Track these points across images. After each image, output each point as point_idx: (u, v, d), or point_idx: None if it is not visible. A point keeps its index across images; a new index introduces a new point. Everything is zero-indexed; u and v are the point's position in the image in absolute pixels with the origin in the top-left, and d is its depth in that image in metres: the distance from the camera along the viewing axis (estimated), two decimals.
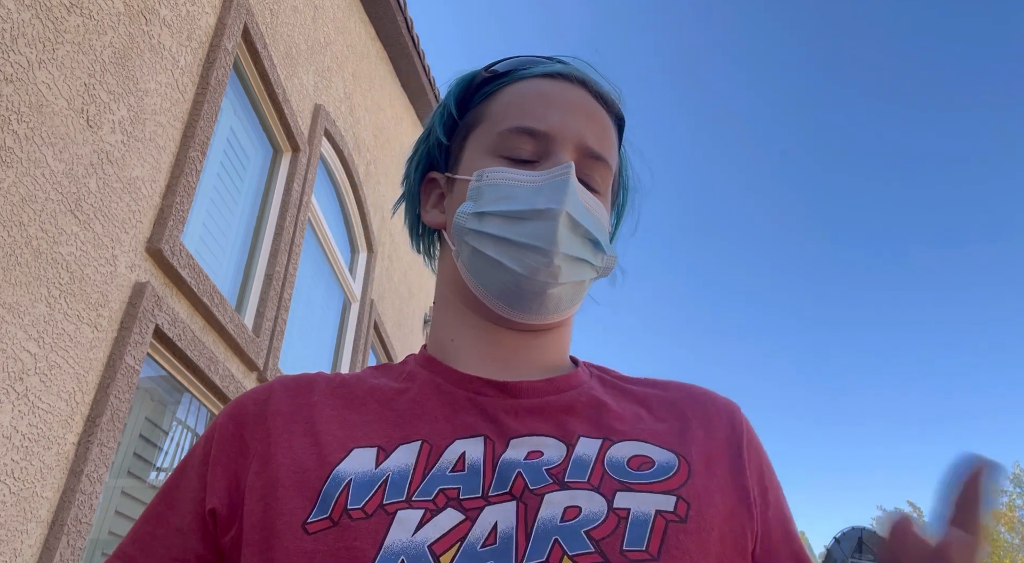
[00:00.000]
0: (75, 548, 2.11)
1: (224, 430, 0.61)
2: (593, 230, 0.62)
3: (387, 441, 0.57)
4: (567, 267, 0.60)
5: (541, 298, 0.61)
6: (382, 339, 5.72)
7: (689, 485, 0.56)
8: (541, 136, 0.63)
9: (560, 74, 0.68)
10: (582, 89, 0.68)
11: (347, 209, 5.02)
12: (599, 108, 0.68)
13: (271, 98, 3.59)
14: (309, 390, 0.63)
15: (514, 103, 0.66)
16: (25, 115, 1.96)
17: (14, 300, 1.92)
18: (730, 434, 0.62)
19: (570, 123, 0.64)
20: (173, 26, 2.69)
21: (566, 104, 0.65)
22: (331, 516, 0.51)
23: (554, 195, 0.60)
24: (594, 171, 0.65)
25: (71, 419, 2.15)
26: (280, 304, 3.64)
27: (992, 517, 6.16)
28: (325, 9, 4.33)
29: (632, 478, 0.55)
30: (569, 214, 0.60)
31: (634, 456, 0.57)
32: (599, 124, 0.67)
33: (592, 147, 0.65)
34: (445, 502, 0.52)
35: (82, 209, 2.19)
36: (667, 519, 0.52)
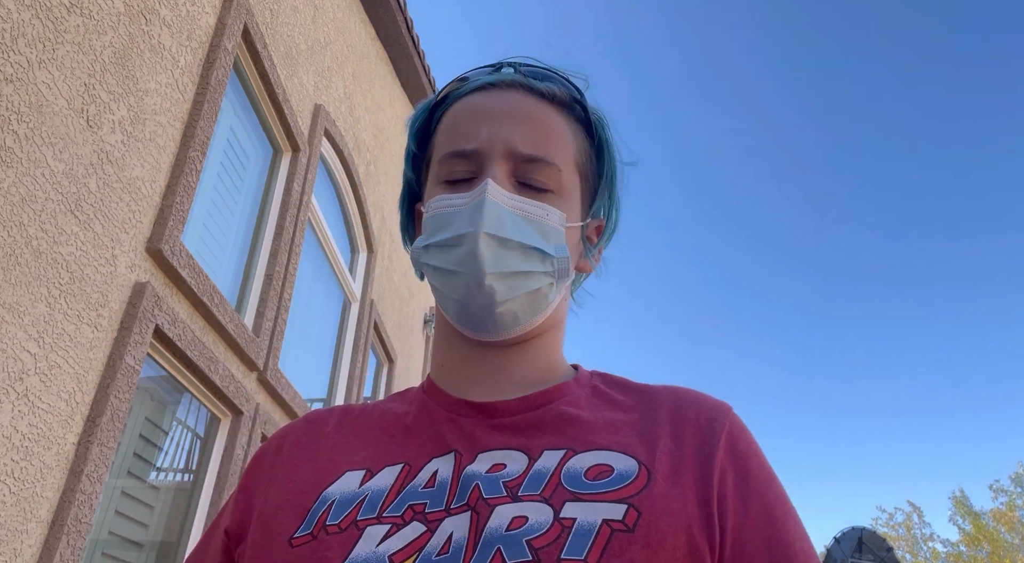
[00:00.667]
0: (75, 548, 2.11)
1: (254, 461, 0.70)
2: (528, 240, 0.62)
3: (376, 463, 0.62)
4: (502, 285, 0.61)
5: (491, 317, 0.63)
6: (382, 339, 5.72)
7: (645, 493, 0.55)
8: (472, 154, 0.64)
9: (492, 84, 0.69)
10: (518, 92, 0.68)
11: (347, 209, 5.02)
12: (537, 106, 0.67)
13: (271, 98, 3.59)
14: (325, 421, 0.70)
15: (449, 127, 0.68)
16: (25, 115, 1.96)
17: (14, 300, 1.93)
18: (704, 441, 0.60)
19: (498, 134, 0.64)
20: (173, 26, 2.69)
21: (495, 115, 0.66)
22: (312, 532, 0.57)
23: (471, 219, 0.61)
24: (535, 173, 0.65)
25: (71, 419, 2.15)
26: (280, 304, 3.64)
27: (992, 517, 6.19)
28: (325, 9, 4.33)
29: (586, 488, 0.55)
30: (489, 234, 0.60)
31: (594, 465, 0.57)
32: (533, 124, 0.66)
33: (524, 152, 0.64)
34: (412, 516, 0.56)
35: (82, 209, 2.19)
36: (613, 528, 0.52)
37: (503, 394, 0.65)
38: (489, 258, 0.61)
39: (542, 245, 0.63)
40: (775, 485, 0.61)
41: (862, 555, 11.29)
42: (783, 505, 0.59)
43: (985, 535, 17.94)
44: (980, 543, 18.00)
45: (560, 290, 0.66)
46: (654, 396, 0.66)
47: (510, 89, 0.68)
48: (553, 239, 0.64)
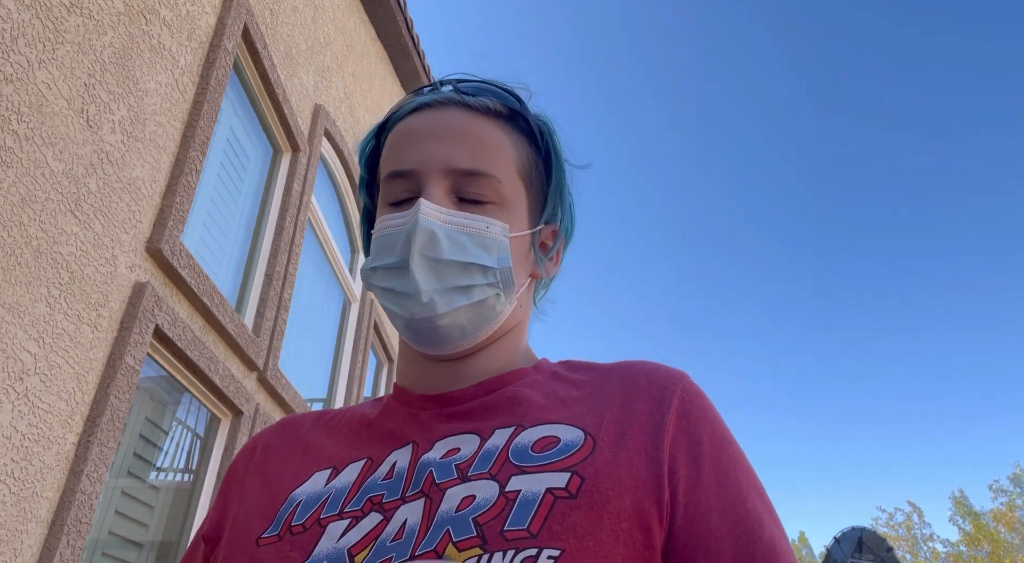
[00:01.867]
0: (75, 548, 2.11)
1: (232, 467, 0.72)
2: (464, 256, 0.63)
3: (341, 461, 0.64)
4: (442, 299, 0.63)
5: (435, 332, 0.64)
6: (382, 339, 5.72)
7: (590, 461, 0.55)
8: (409, 174, 0.66)
9: (427, 104, 0.70)
10: (451, 109, 0.69)
11: (347, 209, 5.02)
12: (473, 120, 0.68)
13: (271, 98, 3.59)
14: (300, 425, 0.72)
15: (389, 149, 0.70)
16: (25, 115, 1.96)
17: (14, 300, 1.93)
18: (655, 408, 0.60)
19: (433, 152, 0.65)
20: (173, 26, 2.69)
21: (429, 133, 0.67)
22: (279, 532, 0.59)
23: (406, 242, 0.62)
24: (475, 186, 0.65)
25: (71, 419, 2.15)
26: (280, 304, 3.64)
27: (992, 517, 6.20)
28: (325, 9, 4.33)
29: (531, 461, 0.56)
30: (422, 255, 0.62)
31: (540, 438, 0.59)
32: (469, 138, 0.67)
33: (461, 166, 0.65)
34: (370, 508, 0.58)
35: (82, 209, 2.19)
36: (556, 495, 0.53)
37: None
38: (425, 277, 0.62)
39: (482, 259, 0.64)
40: (729, 448, 0.61)
41: (862, 555, 11.29)
42: (738, 467, 0.59)
43: (985, 535, 17.94)
44: (980, 543, 18.01)
45: (509, 300, 0.67)
46: (609, 371, 0.67)
47: (445, 107, 0.69)
48: (495, 251, 0.65)
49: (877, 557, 11.26)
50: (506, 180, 0.67)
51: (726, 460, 0.59)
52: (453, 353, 0.67)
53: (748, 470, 0.60)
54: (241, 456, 0.72)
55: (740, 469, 0.59)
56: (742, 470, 0.60)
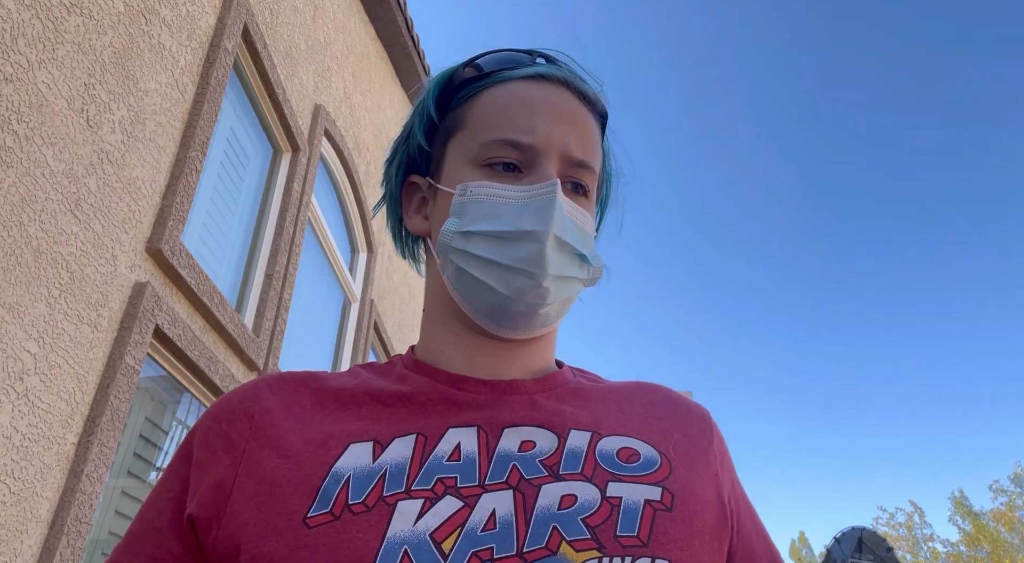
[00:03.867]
0: (75, 548, 2.11)
1: (208, 431, 0.60)
2: (580, 246, 0.62)
3: (383, 435, 0.57)
4: (555, 287, 0.61)
5: (530, 317, 0.62)
6: (382, 339, 5.72)
7: (672, 478, 0.58)
8: (527, 148, 0.63)
9: (542, 75, 0.67)
10: (565, 90, 0.67)
11: (347, 209, 5.02)
12: (582, 110, 0.67)
13: (271, 98, 3.59)
14: (298, 388, 0.63)
15: (496, 111, 0.65)
16: (25, 115, 1.96)
17: (14, 300, 1.93)
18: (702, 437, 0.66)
19: (554, 132, 0.63)
20: (173, 26, 2.69)
21: (550, 111, 0.64)
22: (332, 511, 0.51)
23: (540, 217, 0.59)
24: (580, 177, 0.65)
25: (71, 419, 2.15)
26: (280, 304, 3.64)
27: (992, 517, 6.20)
28: (325, 9, 4.33)
29: (622, 470, 0.57)
30: (556, 236, 0.59)
31: (622, 448, 0.60)
32: (583, 128, 0.66)
33: (577, 156, 0.64)
34: (444, 490, 0.53)
35: (82, 209, 2.19)
36: (655, 508, 0.55)
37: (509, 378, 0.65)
38: (553, 260, 0.60)
39: (586, 252, 0.63)
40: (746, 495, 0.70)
41: (862, 555, 11.29)
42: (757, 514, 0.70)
43: (985, 535, 17.94)
44: (980, 543, 18.00)
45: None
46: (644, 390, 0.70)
47: (561, 86, 0.67)
48: (590, 246, 0.65)
49: (877, 557, 11.26)
50: (597, 177, 0.68)
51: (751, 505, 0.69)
52: (522, 338, 0.65)
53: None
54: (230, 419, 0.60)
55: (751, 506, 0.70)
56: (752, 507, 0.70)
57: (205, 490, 0.57)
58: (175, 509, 0.58)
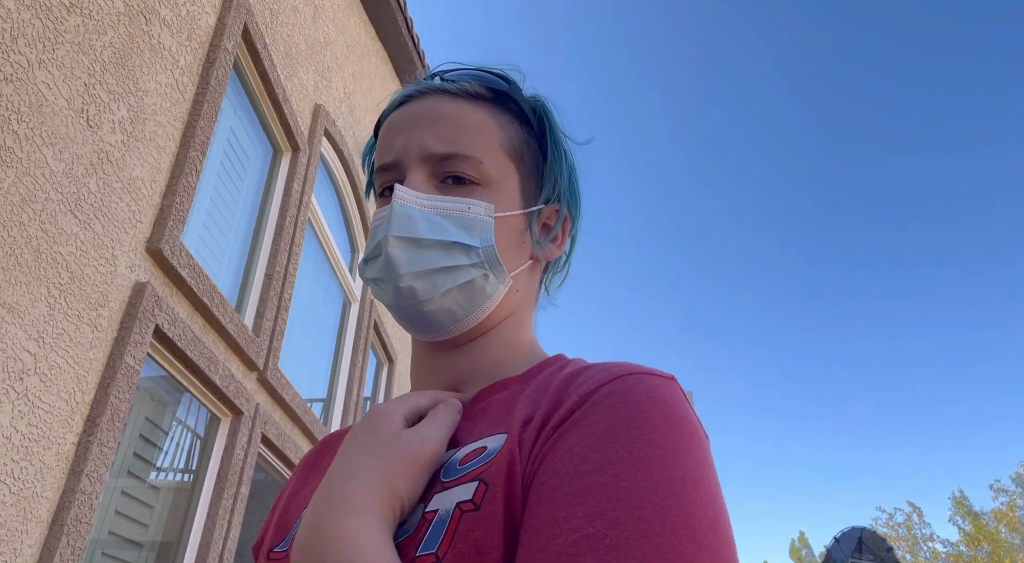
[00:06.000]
0: (75, 548, 2.11)
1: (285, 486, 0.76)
2: (445, 235, 0.62)
3: None
4: (421, 284, 0.62)
5: (423, 317, 0.64)
6: (382, 339, 5.72)
7: (493, 467, 0.50)
8: (392, 166, 0.66)
9: (408, 96, 0.70)
10: (433, 97, 0.69)
11: (347, 209, 5.02)
12: (451, 105, 0.68)
13: (271, 98, 3.59)
14: (336, 442, 0.74)
15: (377, 146, 0.71)
16: (25, 115, 1.96)
17: (14, 300, 1.93)
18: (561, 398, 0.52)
19: (410, 140, 0.66)
20: (173, 26, 2.69)
21: (407, 123, 0.67)
22: (288, 550, 0.61)
23: (384, 227, 0.62)
24: (454, 167, 0.65)
25: (71, 419, 2.15)
26: (280, 304, 3.64)
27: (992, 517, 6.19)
28: (325, 9, 4.33)
29: (454, 474, 0.53)
30: (396, 236, 0.61)
31: (471, 451, 0.54)
32: (446, 122, 0.66)
33: (437, 150, 0.65)
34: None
35: (82, 209, 2.19)
36: (463, 510, 0.49)
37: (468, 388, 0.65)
38: (402, 260, 0.62)
39: (463, 238, 0.63)
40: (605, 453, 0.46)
41: (862, 555, 11.29)
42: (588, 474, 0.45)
43: (985, 535, 17.94)
44: (980, 543, 18.00)
45: (501, 281, 0.65)
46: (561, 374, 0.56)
47: (427, 96, 0.69)
48: (478, 231, 0.63)
49: (877, 557, 11.26)
50: (489, 160, 0.66)
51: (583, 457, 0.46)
52: (452, 338, 0.65)
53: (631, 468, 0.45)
54: (291, 477, 0.76)
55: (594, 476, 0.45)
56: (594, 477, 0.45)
57: (264, 529, 0.72)
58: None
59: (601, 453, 0.45)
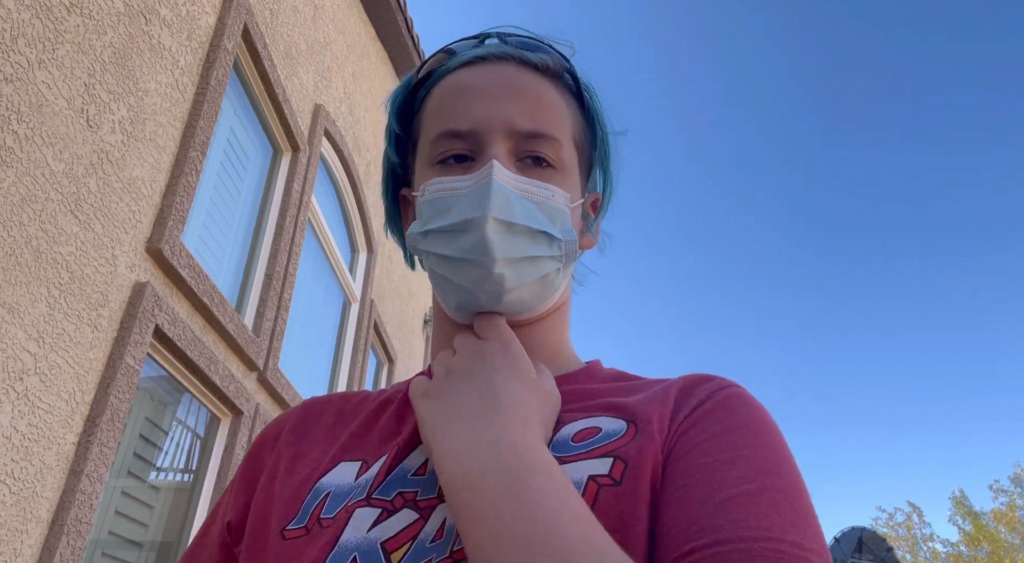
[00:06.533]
0: (75, 548, 2.11)
1: (252, 450, 0.68)
2: (535, 223, 0.59)
3: (371, 454, 0.60)
4: (511, 271, 0.58)
5: (498, 306, 0.60)
6: (382, 339, 5.72)
7: (631, 445, 0.52)
8: (467, 134, 0.61)
9: (480, 58, 0.65)
10: (508, 65, 0.64)
11: (347, 209, 5.02)
12: (531, 79, 0.64)
13: (271, 98, 3.59)
14: (326, 410, 0.68)
15: (438, 106, 0.64)
16: (25, 115, 1.96)
17: (14, 300, 1.93)
18: (682, 401, 0.56)
19: (494, 111, 0.61)
20: (173, 26, 2.69)
21: (488, 91, 0.62)
22: (307, 525, 0.55)
23: (478, 202, 0.57)
24: (538, 148, 0.61)
25: (71, 419, 2.15)
26: (280, 304, 3.64)
27: (992, 517, 6.17)
28: (325, 9, 4.34)
29: (570, 450, 0.53)
30: (496, 218, 0.57)
31: (581, 430, 0.55)
32: (530, 97, 0.63)
33: (524, 127, 0.61)
34: (402, 503, 0.53)
35: (82, 209, 2.19)
36: (599, 483, 0.50)
37: None
38: (498, 244, 0.57)
39: (549, 228, 0.60)
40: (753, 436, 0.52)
41: (862, 555, 11.29)
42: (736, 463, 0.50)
43: (985, 535, 17.94)
44: (980, 543, 18.01)
45: (566, 274, 0.64)
46: (666, 379, 0.62)
47: (500, 62, 0.64)
48: (559, 221, 0.61)
49: (877, 557, 11.26)
50: (565, 144, 0.63)
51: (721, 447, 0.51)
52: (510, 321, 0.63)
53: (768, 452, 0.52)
54: (264, 440, 0.67)
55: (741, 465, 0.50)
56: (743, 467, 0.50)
57: (242, 504, 0.63)
58: (221, 523, 0.64)
59: (738, 436, 0.52)
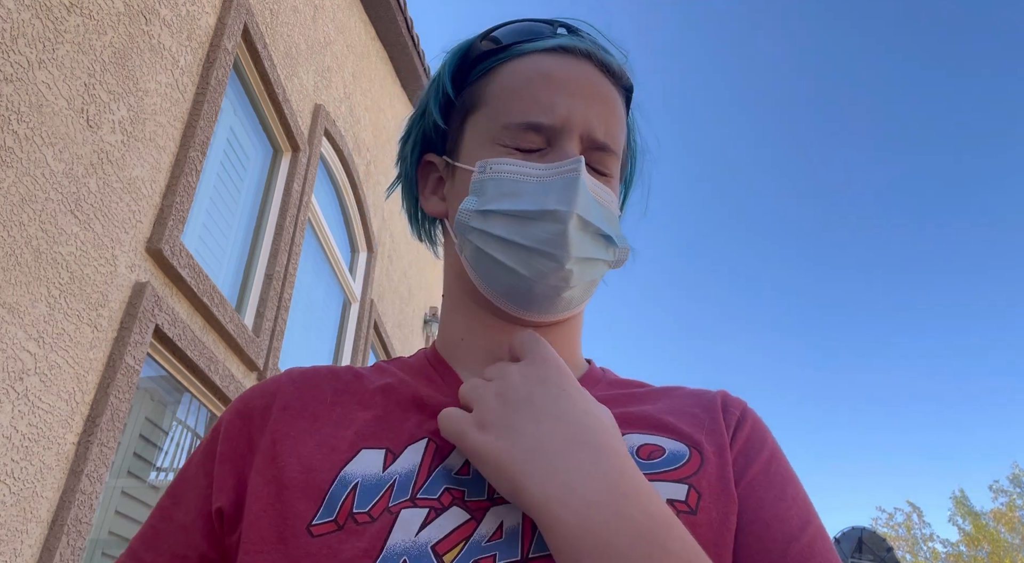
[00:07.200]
0: (75, 548, 2.11)
1: (231, 426, 0.59)
2: (605, 227, 0.59)
3: (395, 443, 0.55)
4: (579, 269, 0.58)
5: (554, 301, 0.59)
6: (382, 339, 5.72)
7: (701, 474, 0.54)
8: (546, 130, 0.60)
9: (563, 48, 0.63)
10: (587, 63, 0.63)
11: (347, 209, 5.02)
12: (606, 85, 0.64)
13: (271, 98, 3.59)
14: (319, 385, 0.61)
15: (516, 88, 0.62)
16: (25, 115, 1.96)
17: (14, 300, 1.93)
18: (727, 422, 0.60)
19: (576, 110, 0.60)
20: (173, 26, 2.69)
21: (572, 88, 0.61)
22: (336, 519, 0.50)
23: (564, 195, 0.56)
24: (603, 160, 0.62)
25: (71, 419, 2.15)
26: (280, 304, 3.64)
27: (992, 517, 6.16)
28: (325, 9, 4.34)
29: (643, 468, 0.52)
30: (580, 216, 0.56)
31: (643, 445, 0.55)
32: (607, 107, 0.62)
33: (599, 139, 0.61)
34: (450, 501, 0.51)
35: (82, 209, 2.19)
36: (677, 509, 0.50)
37: None
38: (576, 241, 0.56)
39: (611, 232, 0.60)
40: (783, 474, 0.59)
41: (862, 555, 11.29)
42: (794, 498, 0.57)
43: (985, 535, 17.94)
44: (980, 543, 18.01)
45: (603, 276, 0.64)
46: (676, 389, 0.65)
47: (585, 60, 0.63)
48: (615, 226, 0.61)
49: (877, 557, 11.26)
50: (619, 158, 0.64)
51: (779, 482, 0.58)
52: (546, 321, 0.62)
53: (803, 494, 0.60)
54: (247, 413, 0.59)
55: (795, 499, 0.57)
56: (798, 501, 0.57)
57: (231, 487, 0.56)
58: (201, 505, 0.57)
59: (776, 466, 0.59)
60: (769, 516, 0.54)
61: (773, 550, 0.52)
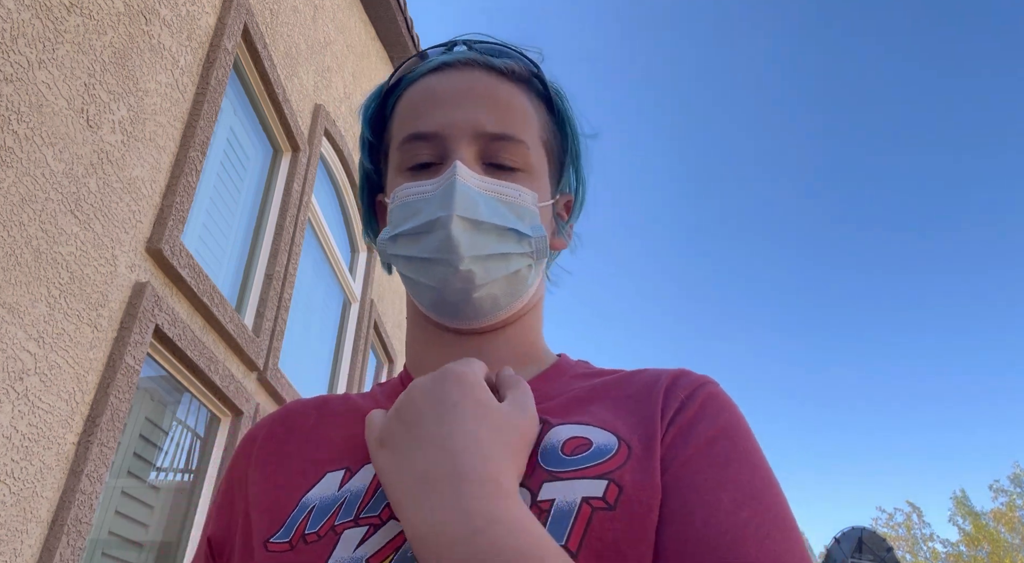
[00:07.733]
0: (75, 548, 2.11)
1: (234, 460, 0.66)
2: (503, 221, 0.60)
3: (355, 461, 0.58)
4: (480, 268, 0.59)
5: (469, 303, 0.61)
6: (382, 339, 5.72)
7: (626, 467, 0.52)
8: (433, 138, 0.62)
9: (446, 63, 0.66)
10: (474, 70, 0.66)
11: (347, 209, 5.02)
12: (497, 84, 0.65)
13: (271, 98, 3.59)
14: (304, 414, 0.66)
15: (406, 111, 0.66)
16: (25, 115, 1.96)
17: (14, 300, 1.93)
18: (666, 407, 0.56)
19: (459, 114, 0.62)
20: (173, 26, 2.69)
21: (452, 95, 0.64)
22: (291, 541, 0.54)
23: (443, 201, 0.59)
24: (504, 152, 0.63)
25: (71, 419, 2.15)
26: (280, 304, 3.64)
27: (992, 517, 6.18)
28: (325, 9, 4.34)
29: (563, 465, 0.52)
30: (462, 217, 0.58)
31: (570, 438, 0.55)
32: (495, 101, 0.64)
33: (491, 130, 0.62)
34: (389, 516, 0.53)
35: (82, 209, 2.19)
36: (593, 507, 0.49)
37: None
38: (465, 241, 0.58)
39: (517, 225, 0.61)
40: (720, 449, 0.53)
41: (862, 555, 11.29)
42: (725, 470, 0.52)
43: (985, 535, 17.95)
44: (980, 543, 18.02)
45: (538, 271, 0.65)
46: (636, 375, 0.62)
47: (467, 68, 0.66)
48: (528, 219, 0.62)
49: (877, 557, 11.26)
50: (532, 147, 0.65)
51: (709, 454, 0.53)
52: (481, 326, 0.63)
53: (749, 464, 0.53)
54: (242, 449, 0.66)
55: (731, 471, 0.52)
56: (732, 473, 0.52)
57: (224, 515, 0.62)
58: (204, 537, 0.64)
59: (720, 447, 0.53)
60: (695, 502, 0.49)
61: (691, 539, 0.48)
